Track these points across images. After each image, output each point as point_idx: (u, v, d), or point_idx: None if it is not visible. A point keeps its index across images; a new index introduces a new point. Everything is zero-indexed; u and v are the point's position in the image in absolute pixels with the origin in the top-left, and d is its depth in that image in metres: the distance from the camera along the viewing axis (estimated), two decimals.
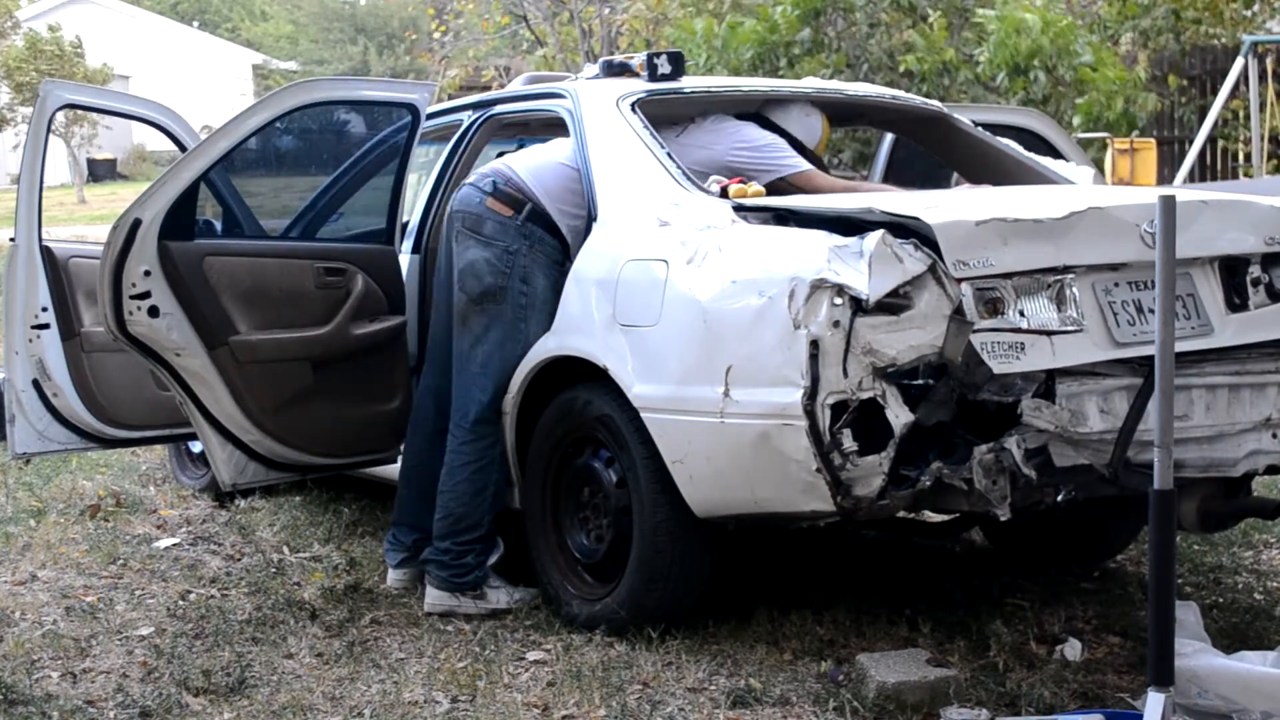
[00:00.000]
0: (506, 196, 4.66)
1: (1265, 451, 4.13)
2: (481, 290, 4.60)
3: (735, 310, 3.89)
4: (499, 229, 4.63)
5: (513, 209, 4.64)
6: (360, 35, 41.39)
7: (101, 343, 5.07)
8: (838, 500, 3.71)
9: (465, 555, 4.64)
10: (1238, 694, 3.60)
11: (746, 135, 4.86)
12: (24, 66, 27.34)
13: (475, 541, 4.66)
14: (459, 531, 4.65)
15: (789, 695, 3.86)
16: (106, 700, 3.95)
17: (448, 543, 4.65)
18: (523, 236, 4.61)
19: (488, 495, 4.66)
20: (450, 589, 4.65)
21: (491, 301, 4.60)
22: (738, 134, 4.87)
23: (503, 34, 20.61)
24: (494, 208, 4.65)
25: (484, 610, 4.63)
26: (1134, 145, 11.97)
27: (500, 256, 4.60)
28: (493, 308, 4.60)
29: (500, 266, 4.60)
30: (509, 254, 4.60)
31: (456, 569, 4.64)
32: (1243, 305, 4.19)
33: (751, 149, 4.82)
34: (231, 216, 5.16)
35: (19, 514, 6.02)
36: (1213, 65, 14.46)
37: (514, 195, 4.66)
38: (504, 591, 4.71)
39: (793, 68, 12.54)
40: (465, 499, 4.64)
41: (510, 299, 4.59)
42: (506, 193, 4.66)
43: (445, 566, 4.65)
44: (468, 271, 4.64)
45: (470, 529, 4.65)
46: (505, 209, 4.64)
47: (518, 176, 4.70)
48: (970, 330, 3.71)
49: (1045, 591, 4.77)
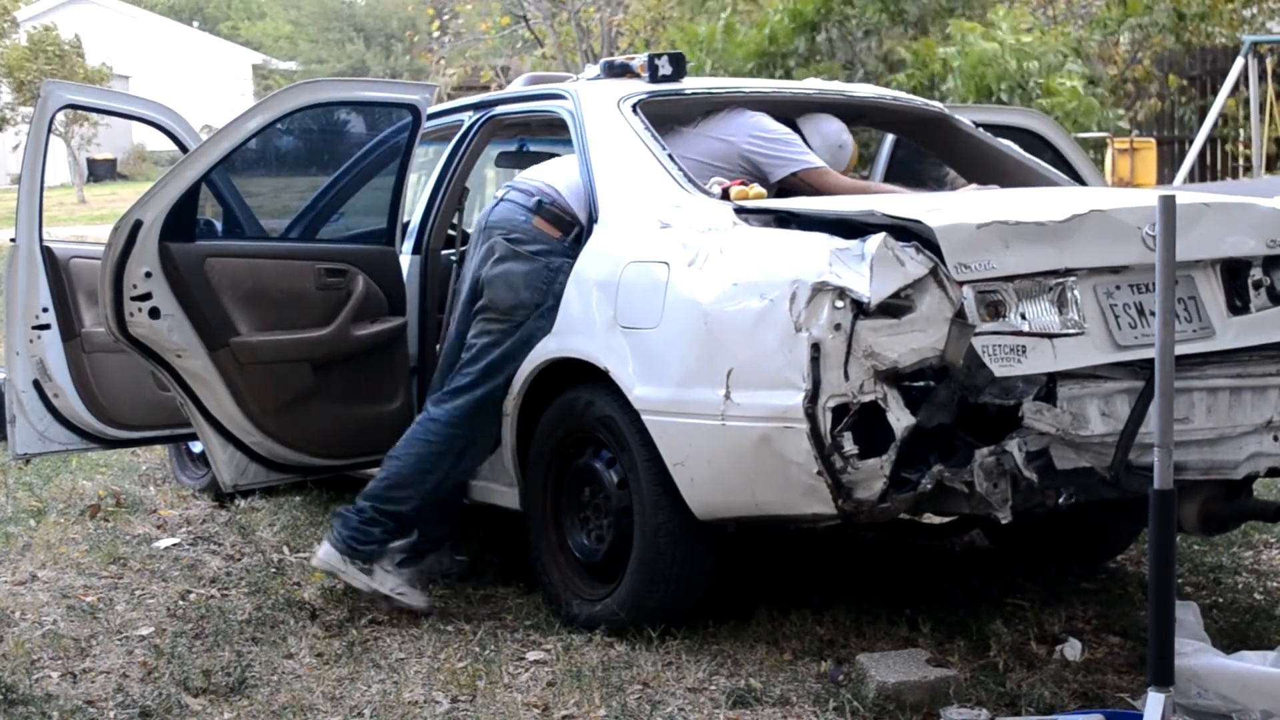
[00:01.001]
0: (554, 218, 4.64)
1: (1266, 454, 4.13)
2: (515, 303, 4.58)
3: (736, 313, 3.90)
4: (544, 249, 4.61)
5: (561, 230, 4.63)
6: (359, 35, 41.39)
7: (102, 343, 5.07)
8: (839, 503, 3.71)
9: (374, 525, 4.60)
10: (1238, 693, 3.60)
11: (763, 125, 4.85)
12: (26, 66, 27.35)
13: (391, 517, 4.61)
14: (384, 499, 4.60)
15: (789, 695, 3.86)
16: (106, 700, 3.95)
17: (367, 504, 4.61)
18: (566, 257, 4.58)
19: (430, 481, 4.61)
20: (343, 550, 4.60)
21: (520, 313, 4.58)
22: (755, 123, 4.85)
23: (502, 34, 20.62)
24: (542, 228, 4.63)
25: (367, 587, 4.59)
26: (1134, 145, 11.99)
27: (541, 274, 4.58)
28: (520, 318, 4.58)
29: (538, 284, 4.57)
30: (550, 271, 4.58)
31: (359, 532, 4.59)
32: (1244, 308, 4.20)
33: (768, 139, 4.81)
34: (232, 217, 5.16)
35: (19, 514, 6.02)
36: (1213, 65, 14.48)
37: (562, 217, 4.64)
38: (393, 578, 4.62)
39: (789, 76, 12.56)
40: (407, 471, 4.60)
41: (539, 314, 4.56)
42: (554, 214, 4.64)
43: (349, 526, 4.61)
44: (501, 281, 4.60)
45: (395, 502, 4.60)
46: (554, 230, 4.62)
47: (563, 198, 4.67)
48: (971, 333, 3.71)
49: (1045, 591, 4.77)
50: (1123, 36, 14.32)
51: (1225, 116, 13.77)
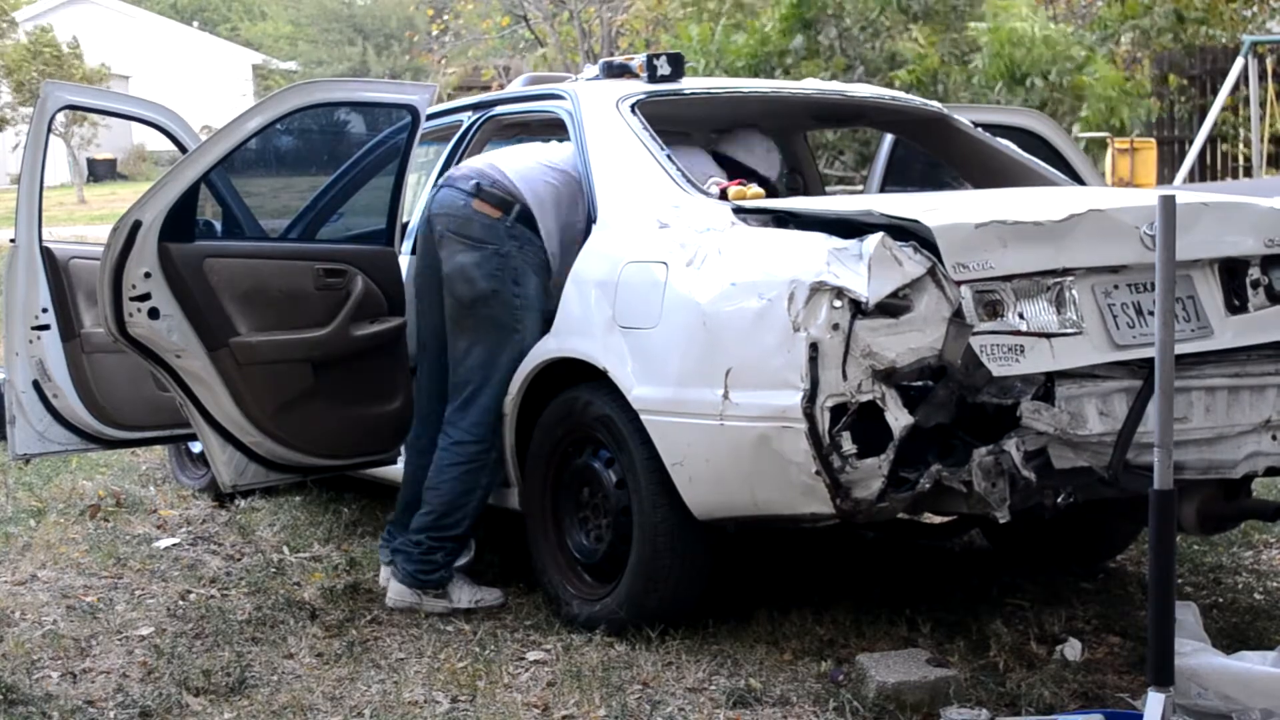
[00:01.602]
0: (493, 198, 4.63)
1: (1265, 453, 4.14)
2: (474, 295, 4.59)
3: (735, 313, 3.90)
4: (487, 231, 4.60)
5: (501, 210, 4.62)
6: (359, 36, 41.39)
7: (101, 344, 5.07)
8: (837, 502, 3.71)
9: (435, 552, 4.63)
10: (1238, 692, 3.60)
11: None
12: (25, 66, 27.35)
13: (449, 540, 4.65)
14: (438, 529, 4.63)
15: (789, 695, 3.86)
16: (106, 700, 3.95)
17: (422, 536, 4.63)
18: (511, 238, 4.60)
19: (474, 498, 4.64)
20: (413, 584, 4.65)
21: (485, 305, 4.59)
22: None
23: (502, 34, 20.63)
24: (481, 209, 4.62)
25: (448, 609, 4.62)
26: (1134, 145, 11.98)
27: (490, 259, 4.59)
28: (486, 311, 4.59)
29: (491, 269, 4.58)
30: (500, 256, 4.59)
31: (424, 564, 4.63)
32: (1242, 307, 4.20)
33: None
34: (232, 218, 5.16)
35: (19, 514, 6.03)
36: (1213, 65, 14.47)
37: (501, 196, 4.63)
38: (467, 590, 4.69)
39: (788, 74, 12.55)
40: (451, 498, 4.62)
41: (504, 301, 4.58)
42: (493, 194, 4.63)
43: (412, 560, 4.64)
44: (458, 276, 4.62)
45: (449, 528, 4.63)
46: (493, 210, 4.61)
47: (505, 178, 4.67)
48: (969, 333, 3.71)
49: (1045, 591, 4.77)
50: (1123, 37, 14.31)
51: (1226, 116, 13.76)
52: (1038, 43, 12.23)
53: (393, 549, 4.73)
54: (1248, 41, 12.97)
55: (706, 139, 5.36)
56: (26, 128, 6.46)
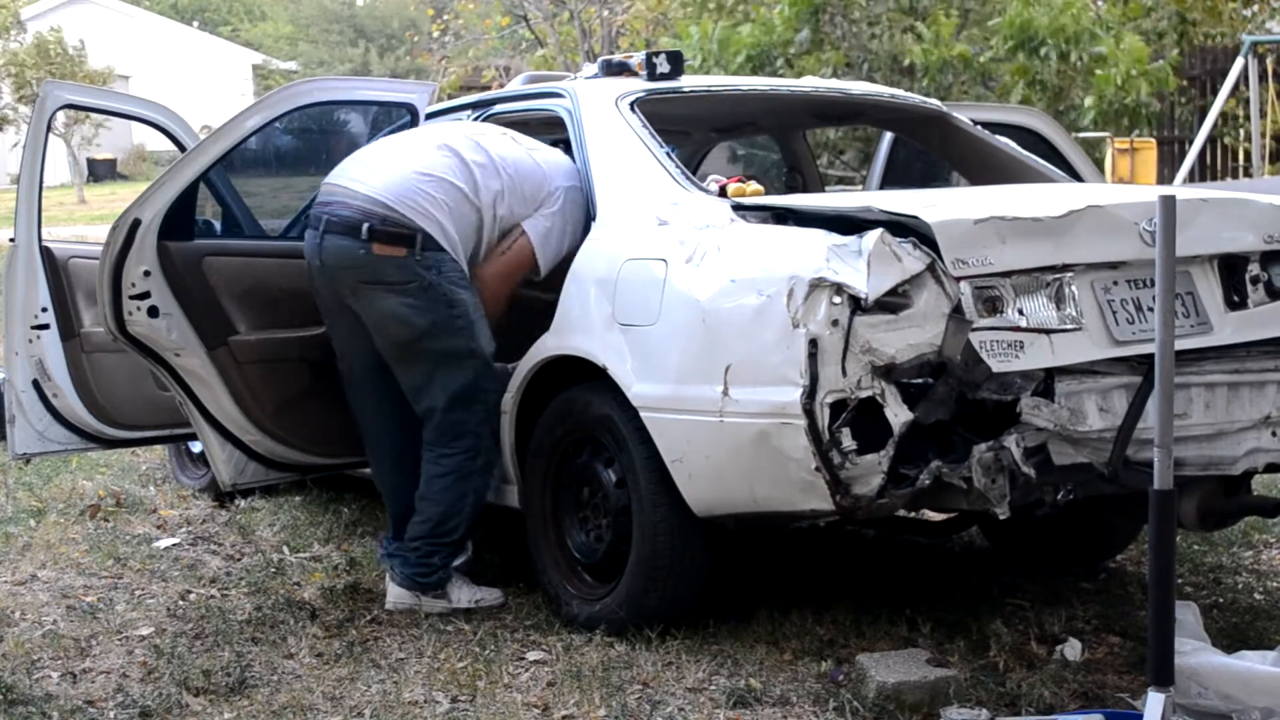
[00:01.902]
0: (391, 236, 4.43)
1: (1265, 449, 4.13)
2: (414, 335, 4.47)
3: (734, 309, 3.89)
4: (401, 270, 4.43)
5: (405, 246, 4.43)
6: (360, 36, 41.40)
7: (101, 343, 5.06)
8: (837, 499, 3.71)
9: (432, 555, 4.61)
10: (1238, 691, 3.59)
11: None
12: (28, 68, 27.35)
13: (446, 545, 4.63)
14: (434, 536, 4.61)
15: (789, 695, 3.85)
16: (106, 700, 3.95)
17: (418, 542, 4.61)
18: (426, 268, 4.44)
19: (468, 503, 4.61)
20: (411, 587, 4.63)
21: (429, 339, 4.47)
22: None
23: (503, 34, 20.63)
24: (384, 253, 4.42)
25: (448, 610, 4.60)
26: (1134, 145, 11.97)
27: (417, 295, 4.44)
28: (433, 344, 4.48)
29: (422, 305, 4.44)
30: (424, 289, 4.43)
31: (421, 567, 4.62)
32: (1242, 303, 4.19)
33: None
34: (231, 216, 5.16)
35: (19, 514, 6.02)
36: (1213, 65, 14.47)
37: (398, 232, 4.43)
38: (467, 590, 4.67)
39: (791, 67, 12.53)
40: (445, 505, 4.59)
41: (446, 328, 4.46)
42: (389, 232, 4.43)
43: (410, 564, 4.62)
44: (388, 321, 4.49)
45: (446, 534, 4.61)
46: (397, 249, 4.42)
47: (391, 209, 4.44)
48: (969, 329, 3.71)
49: (1045, 591, 4.77)
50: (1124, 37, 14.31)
51: (1225, 116, 13.76)
52: (1064, 10, 12.14)
53: (389, 554, 4.72)
54: (1248, 41, 12.96)
55: (706, 137, 5.35)
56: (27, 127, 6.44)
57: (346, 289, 4.53)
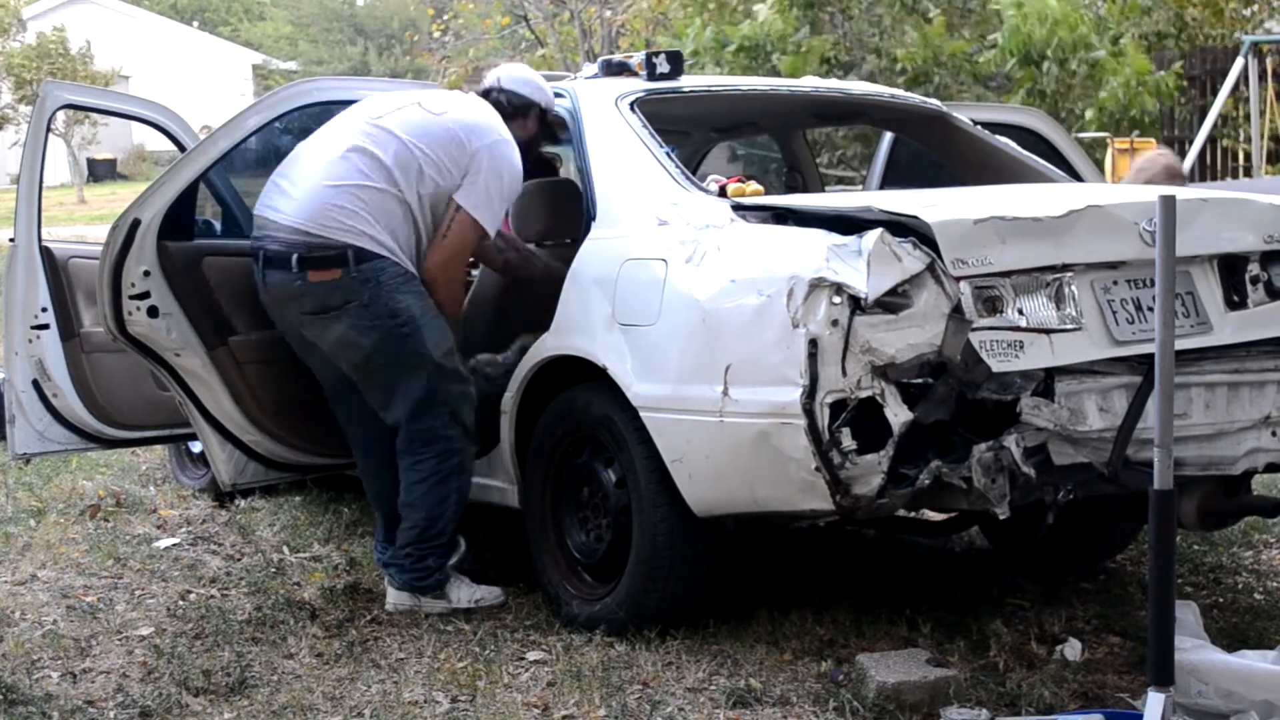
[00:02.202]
0: (322, 261, 4.42)
1: (1265, 449, 4.13)
2: (365, 354, 4.48)
3: (734, 309, 3.89)
4: (338, 293, 4.43)
5: (338, 267, 4.41)
6: (360, 36, 41.40)
7: (101, 343, 5.06)
8: (837, 499, 3.71)
9: (425, 559, 4.61)
10: (1238, 687, 3.59)
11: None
12: (29, 66, 27.35)
13: (437, 547, 4.62)
14: (423, 540, 4.61)
15: (789, 695, 3.85)
16: (106, 700, 3.95)
17: (410, 548, 4.61)
18: (363, 283, 4.42)
19: (451, 504, 4.60)
20: (410, 590, 4.64)
21: (380, 355, 4.47)
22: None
23: (503, 34, 20.63)
24: (319, 279, 4.42)
25: (448, 610, 4.60)
26: (1134, 145, 11.96)
27: (359, 315, 4.43)
28: (384, 360, 4.48)
29: (365, 324, 4.43)
30: (363, 307, 4.42)
31: (417, 572, 4.62)
32: (1242, 303, 4.19)
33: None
34: (230, 216, 5.16)
35: (19, 514, 6.02)
36: (1213, 65, 14.45)
37: (327, 255, 4.42)
38: (466, 589, 4.67)
39: (785, 55, 12.51)
40: (429, 509, 4.58)
41: (394, 339, 4.45)
42: (319, 258, 4.42)
43: (405, 570, 4.63)
44: (339, 347, 4.51)
45: (435, 537, 4.61)
46: (330, 273, 4.42)
47: (313, 234, 4.42)
48: (969, 329, 3.71)
49: (1045, 591, 4.77)
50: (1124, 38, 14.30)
51: (1224, 119, 13.75)
52: (1060, 23, 12.14)
53: (385, 563, 4.72)
54: (1248, 41, 12.96)
55: (706, 137, 5.35)
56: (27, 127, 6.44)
57: (295, 321, 4.56)
